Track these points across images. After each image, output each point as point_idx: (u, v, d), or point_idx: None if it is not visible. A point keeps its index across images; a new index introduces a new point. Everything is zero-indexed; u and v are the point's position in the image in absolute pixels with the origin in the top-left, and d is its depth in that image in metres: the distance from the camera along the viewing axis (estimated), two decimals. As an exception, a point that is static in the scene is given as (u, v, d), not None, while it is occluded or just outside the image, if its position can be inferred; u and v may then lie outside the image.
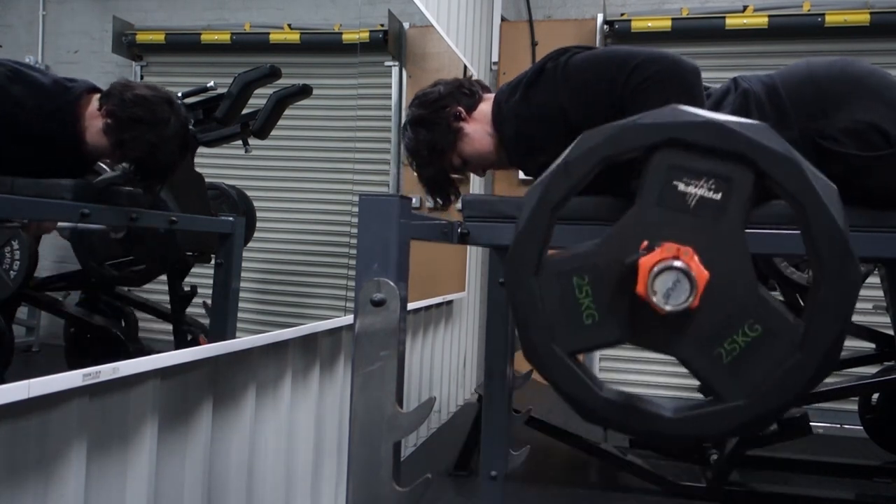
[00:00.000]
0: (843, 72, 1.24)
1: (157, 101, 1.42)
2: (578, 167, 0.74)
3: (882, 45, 3.64)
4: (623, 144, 0.73)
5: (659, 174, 0.72)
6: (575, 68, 1.30)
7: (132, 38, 2.24)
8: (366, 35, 2.49)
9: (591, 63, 1.29)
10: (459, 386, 3.77)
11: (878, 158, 1.18)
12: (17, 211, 1.30)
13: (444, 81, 1.52)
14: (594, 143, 0.74)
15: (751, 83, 1.29)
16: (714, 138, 0.71)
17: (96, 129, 1.41)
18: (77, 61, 2.05)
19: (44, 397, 1.07)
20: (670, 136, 0.72)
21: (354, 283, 1.05)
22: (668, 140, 0.72)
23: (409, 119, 1.52)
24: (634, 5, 4.05)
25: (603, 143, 0.73)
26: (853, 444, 3.16)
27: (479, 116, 1.48)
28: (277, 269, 2.69)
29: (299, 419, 1.95)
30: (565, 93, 1.30)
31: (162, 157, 1.44)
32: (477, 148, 1.48)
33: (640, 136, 0.72)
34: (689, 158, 0.72)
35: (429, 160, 1.48)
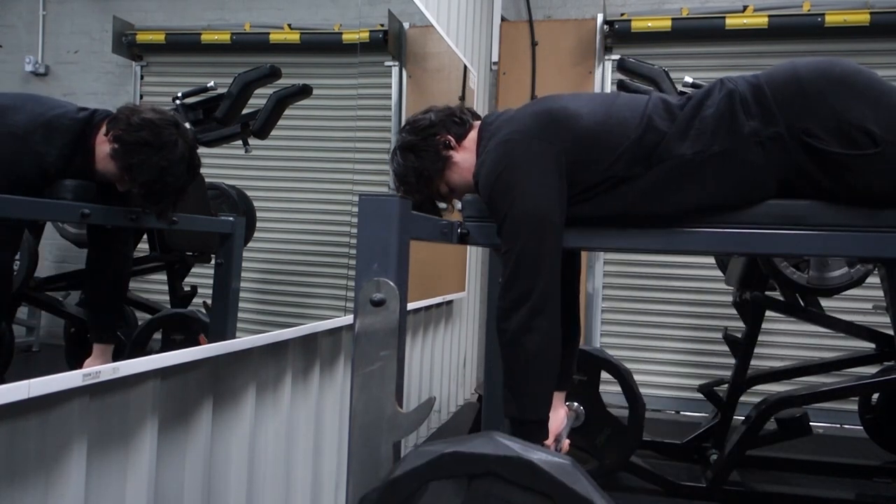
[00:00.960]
0: (828, 72, 1.24)
1: (164, 125, 1.42)
2: (404, 486, 0.86)
3: (882, 45, 3.64)
4: (445, 471, 0.85)
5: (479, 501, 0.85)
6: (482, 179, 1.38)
7: (132, 38, 2.24)
8: (366, 35, 2.49)
9: (483, 191, 1.38)
10: (459, 386, 3.77)
11: (864, 158, 1.18)
12: (17, 211, 1.30)
13: (436, 109, 1.55)
14: (417, 466, 0.86)
15: (736, 83, 1.29)
16: (524, 476, 0.82)
17: (104, 154, 1.40)
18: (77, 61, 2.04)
19: (44, 397, 1.07)
20: (489, 469, 0.83)
21: (354, 283, 1.05)
22: (485, 472, 0.84)
23: (398, 145, 1.54)
24: (634, 5, 4.05)
25: (426, 467, 0.86)
26: (853, 444, 3.15)
27: (468, 145, 1.51)
28: (277, 269, 2.69)
29: (299, 419, 1.95)
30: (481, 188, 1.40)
31: (170, 181, 1.43)
32: (465, 176, 1.50)
33: (462, 465, 0.85)
34: (507, 489, 0.83)
35: (416, 187, 1.50)
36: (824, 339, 3.56)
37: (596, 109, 1.35)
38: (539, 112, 1.37)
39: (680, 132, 1.28)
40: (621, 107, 1.34)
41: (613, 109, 1.34)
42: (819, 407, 3.21)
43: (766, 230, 1.28)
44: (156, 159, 1.39)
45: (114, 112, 1.44)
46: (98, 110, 1.45)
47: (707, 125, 1.26)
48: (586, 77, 4.00)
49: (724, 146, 1.25)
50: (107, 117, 1.43)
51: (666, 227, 1.34)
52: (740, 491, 2.47)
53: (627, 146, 1.29)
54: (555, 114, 1.35)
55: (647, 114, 1.31)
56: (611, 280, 4.03)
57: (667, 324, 3.95)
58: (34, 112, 1.38)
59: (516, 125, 1.36)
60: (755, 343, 2.64)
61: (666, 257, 3.82)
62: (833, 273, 2.50)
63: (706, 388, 2.73)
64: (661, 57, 3.65)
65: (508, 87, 4.09)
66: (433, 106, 1.57)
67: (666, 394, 3.92)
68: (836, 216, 1.25)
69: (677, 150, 1.27)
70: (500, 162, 1.32)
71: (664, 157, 1.28)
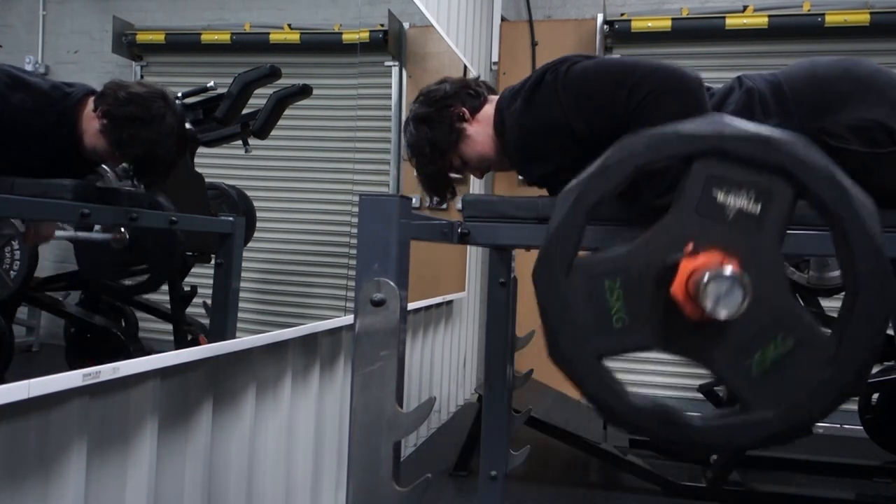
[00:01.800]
0: (848, 71, 1.24)
1: (152, 98, 1.41)
2: (616, 171, 0.73)
3: (882, 45, 3.64)
4: (663, 152, 0.72)
5: (698, 183, 0.72)
6: (575, 79, 1.28)
7: (132, 38, 2.24)
8: (366, 35, 2.49)
9: (590, 75, 1.28)
10: (459, 386, 3.77)
11: (884, 156, 1.18)
12: (17, 211, 1.30)
13: (451, 80, 1.52)
14: (633, 148, 0.73)
15: (755, 82, 1.29)
16: (756, 151, 0.71)
17: (94, 130, 1.40)
18: (77, 61, 2.05)
19: (44, 397, 1.07)
20: (712, 145, 0.71)
21: (354, 283, 1.05)
22: (710, 150, 0.71)
23: (412, 115, 1.51)
24: (634, 5, 4.05)
25: (643, 149, 0.73)
26: (853, 444, 3.16)
27: (482, 118, 1.48)
28: (277, 269, 2.69)
29: (299, 419, 1.95)
30: (567, 104, 1.28)
31: (161, 153, 1.43)
32: (478, 150, 1.48)
33: (682, 145, 0.72)
34: (730, 169, 0.71)
35: (429, 158, 1.48)
36: (824, 339, 3.56)
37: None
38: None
39: None
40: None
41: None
42: (819, 407, 3.20)
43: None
44: (145, 133, 1.39)
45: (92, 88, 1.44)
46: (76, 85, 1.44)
47: None
48: (586, 77, 3.99)
49: None
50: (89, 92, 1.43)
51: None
52: (740, 491, 2.47)
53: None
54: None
55: None
56: (611, 280, 4.03)
57: (667, 324, 3.94)
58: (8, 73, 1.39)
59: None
60: (755, 343, 2.64)
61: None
62: (833, 273, 2.50)
63: (706, 388, 2.73)
64: (661, 57, 3.62)
65: (508, 87, 4.09)
66: (448, 77, 1.54)
67: (666, 394, 3.92)
68: (837, 216, 1.24)
69: None
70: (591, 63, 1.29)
71: None
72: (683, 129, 0.73)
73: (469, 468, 2.69)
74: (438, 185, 1.55)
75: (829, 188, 0.72)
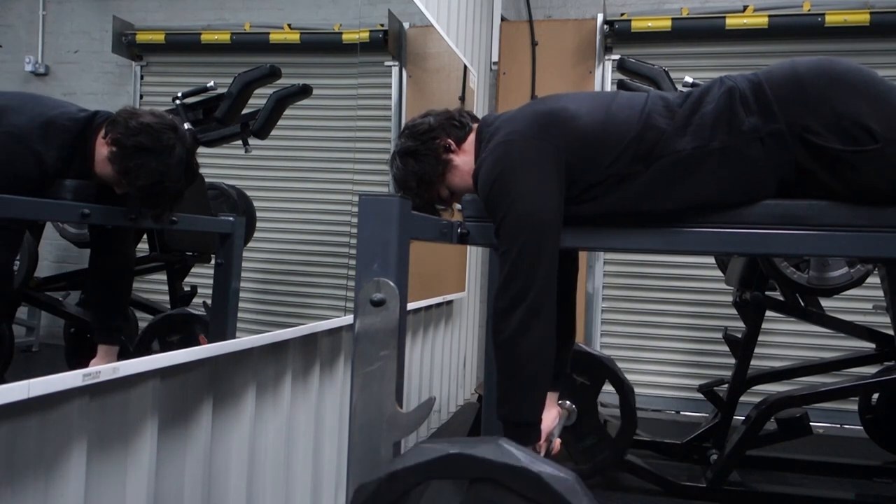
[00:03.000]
0: (827, 69, 1.25)
1: (162, 129, 1.41)
2: (403, 479, 0.85)
3: (882, 45, 3.64)
4: (448, 471, 0.84)
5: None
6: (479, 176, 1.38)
7: (132, 38, 2.24)
8: (366, 35, 2.49)
9: (481, 191, 1.37)
10: (459, 386, 3.77)
11: (863, 154, 1.19)
12: (17, 211, 1.30)
13: (435, 112, 1.55)
14: (420, 461, 0.85)
15: (735, 81, 1.30)
16: (528, 487, 0.81)
17: (102, 156, 1.40)
18: (77, 61, 2.05)
19: (44, 397, 1.07)
20: (491, 474, 0.82)
21: (354, 283, 1.05)
22: (488, 477, 0.82)
23: (398, 150, 1.54)
24: (634, 5, 4.05)
25: (429, 464, 0.85)
26: (853, 444, 3.16)
27: (468, 148, 1.51)
28: (277, 269, 2.69)
29: (299, 419, 1.95)
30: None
31: (168, 185, 1.43)
32: (466, 180, 1.50)
33: (466, 468, 0.83)
34: (508, 497, 0.83)
35: (417, 191, 1.50)
36: (824, 339, 3.56)
37: (595, 109, 1.35)
38: (538, 112, 1.37)
39: (679, 128, 1.28)
40: (620, 106, 1.34)
41: (613, 108, 1.34)
42: (819, 407, 3.21)
43: (766, 230, 1.28)
44: (153, 164, 1.39)
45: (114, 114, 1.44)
46: (99, 112, 1.45)
47: (706, 121, 1.27)
48: (586, 77, 4.00)
49: (723, 142, 1.25)
50: (107, 119, 1.44)
51: (666, 226, 1.34)
52: (740, 491, 2.47)
53: (627, 144, 1.30)
54: (554, 114, 1.35)
55: (646, 111, 1.31)
56: (611, 280, 4.03)
57: (667, 324, 3.94)
58: (33, 112, 1.38)
59: (516, 125, 1.36)
60: (755, 343, 2.64)
61: (666, 257, 3.82)
62: (833, 273, 2.50)
63: (706, 388, 2.73)
64: (661, 57, 3.65)
65: (508, 87, 4.09)
66: (431, 109, 1.57)
67: (666, 394, 3.92)
68: (836, 216, 1.25)
69: (676, 146, 1.27)
70: (498, 162, 1.32)
71: (663, 154, 1.28)
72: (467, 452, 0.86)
73: (469, 468, 2.69)
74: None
75: None
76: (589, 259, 3.97)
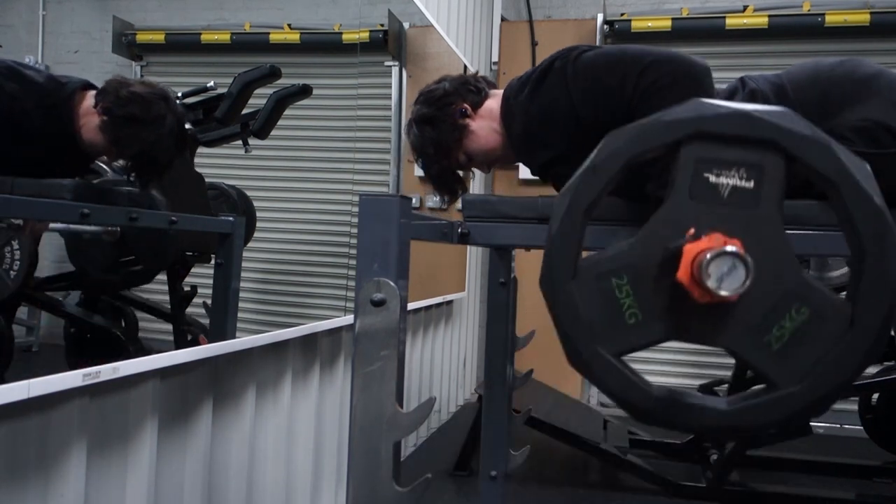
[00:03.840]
0: (851, 72, 1.24)
1: (153, 99, 1.41)
2: (605, 169, 0.73)
3: (882, 45, 3.64)
4: (648, 142, 0.72)
5: (688, 168, 0.72)
6: (584, 66, 1.29)
7: (132, 38, 2.24)
8: (366, 35, 2.49)
9: (600, 62, 1.28)
10: (459, 386, 3.77)
11: (888, 156, 1.18)
12: (17, 211, 1.30)
13: (450, 78, 1.52)
14: (619, 143, 0.73)
15: (758, 83, 1.29)
16: (740, 127, 0.71)
17: (92, 126, 1.40)
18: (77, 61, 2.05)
19: (44, 397, 1.07)
20: (696, 129, 0.71)
21: (354, 283, 1.05)
22: (694, 133, 0.71)
23: (414, 116, 1.51)
24: (634, 5, 4.05)
25: (628, 143, 0.72)
26: (853, 444, 3.16)
27: (484, 113, 1.48)
28: (277, 269, 2.69)
29: (299, 419, 1.95)
30: (575, 90, 1.29)
31: (159, 154, 1.44)
32: (483, 144, 1.47)
33: (666, 133, 0.72)
34: (718, 150, 0.71)
35: (435, 158, 1.48)
36: (824, 339, 3.56)
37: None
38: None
39: None
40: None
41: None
42: (819, 407, 3.20)
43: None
44: (144, 134, 1.39)
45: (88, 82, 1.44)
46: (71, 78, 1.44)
47: None
48: (586, 77, 3.99)
49: None
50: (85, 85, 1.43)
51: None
52: (740, 491, 2.47)
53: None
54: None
55: None
56: (611, 280, 4.03)
57: (667, 324, 3.94)
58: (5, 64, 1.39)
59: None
60: (755, 343, 2.64)
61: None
62: (833, 273, 2.50)
63: (706, 388, 2.73)
64: (661, 57, 3.64)
65: (508, 87, 4.09)
66: (447, 74, 1.54)
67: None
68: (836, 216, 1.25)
69: None
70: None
71: None
72: (665, 118, 0.72)
73: (469, 468, 2.69)
74: (447, 184, 1.55)
75: (819, 156, 0.71)
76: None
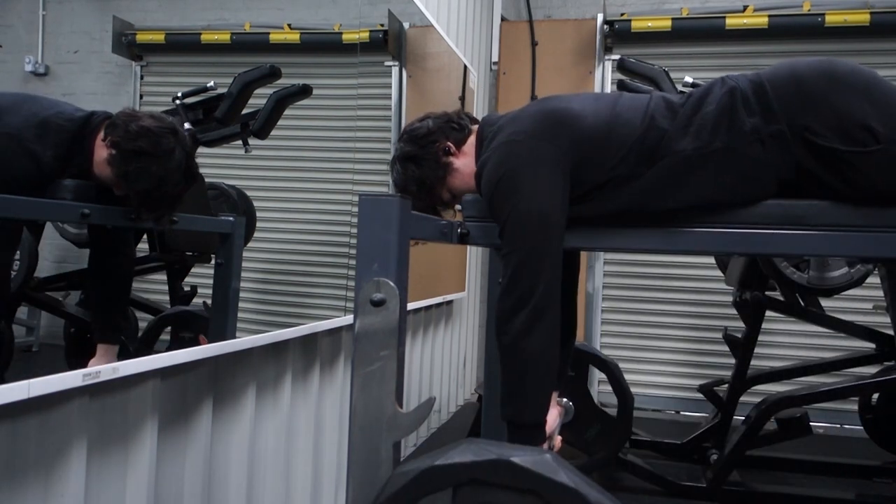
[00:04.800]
0: (828, 70, 1.26)
1: (162, 133, 1.41)
2: None
3: (882, 45, 3.64)
4: (432, 485, 0.83)
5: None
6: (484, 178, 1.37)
7: (132, 38, 2.24)
8: (366, 35, 2.49)
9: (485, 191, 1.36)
10: (459, 386, 3.77)
11: (865, 154, 1.19)
12: (17, 211, 1.30)
13: (433, 115, 1.55)
14: (402, 484, 0.84)
15: (737, 81, 1.30)
16: (505, 476, 0.80)
17: (101, 159, 1.40)
18: (77, 61, 2.05)
19: (44, 397, 1.07)
20: (471, 476, 0.81)
21: (354, 283, 1.05)
22: (469, 480, 0.82)
23: (398, 154, 1.53)
24: (634, 5, 4.05)
25: (411, 486, 0.84)
26: (853, 444, 3.16)
27: (468, 150, 1.51)
28: (277, 269, 2.69)
29: (299, 419, 1.95)
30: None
31: (167, 188, 1.43)
32: (466, 182, 1.50)
33: (445, 478, 0.83)
34: (491, 492, 0.81)
35: (417, 196, 1.50)
36: (824, 339, 3.56)
37: (600, 110, 1.34)
38: (543, 112, 1.36)
39: (680, 129, 1.28)
40: (624, 107, 1.34)
41: (617, 110, 1.34)
42: (819, 407, 3.21)
43: (766, 230, 1.28)
44: (153, 168, 1.39)
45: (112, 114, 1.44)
46: (96, 112, 1.44)
47: (707, 122, 1.27)
48: (586, 77, 3.99)
49: (724, 142, 1.25)
50: (106, 118, 1.43)
51: (666, 226, 1.34)
52: (740, 491, 2.47)
53: (631, 146, 1.30)
54: (559, 114, 1.34)
55: (649, 113, 1.31)
56: (611, 280, 4.03)
57: (667, 324, 3.94)
58: (30, 112, 1.38)
59: (519, 125, 1.36)
60: (755, 343, 2.64)
61: (666, 257, 3.82)
62: (833, 273, 2.50)
63: (706, 388, 2.73)
64: (661, 57, 3.65)
65: (508, 87, 4.09)
66: (430, 112, 1.56)
67: (666, 394, 3.92)
68: (836, 216, 1.25)
69: (678, 146, 1.28)
70: (502, 163, 1.32)
71: (665, 154, 1.28)
72: (444, 462, 0.85)
73: (469, 468, 2.69)
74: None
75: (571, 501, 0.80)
76: (589, 259, 3.97)
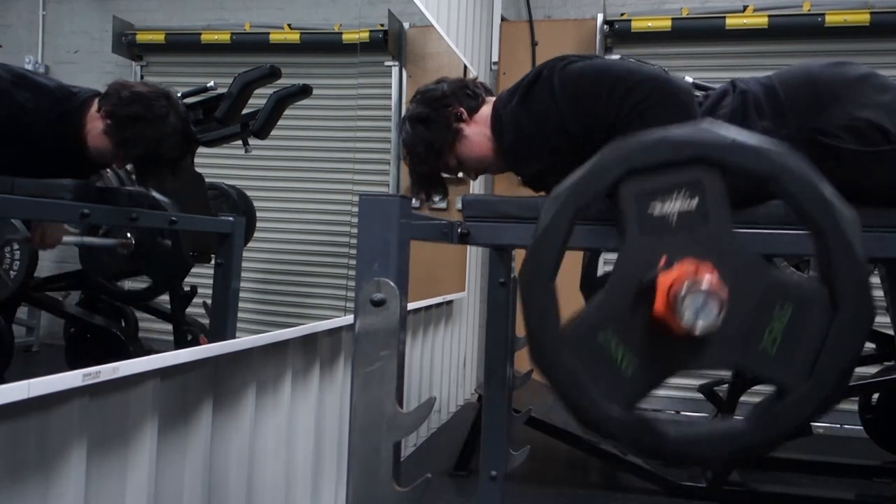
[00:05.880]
0: (840, 73, 1.25)
1: (155, 97, 1.41)
2: (557, 227, 0.75)
3: (882, 45, 3.64)
4: (590, 189, 0.74)
5: (631, 206, 0.73)
6: (571, 78, 1.29)
7: (132, 38, 2.24)
8: (366, 35, 2.49)
9: (587, 75, 1.29)
10: (459, 386, 3.77)
11: (878, 155, 1.19)
12: (17, 211, 1.30)
13: (448, 80, 1.51)
14: (564, 193, 0.75)
15: (748, 84, 1.30)
16: (665, 154, 0.72)
17: (97, 131, 1.40)
18: (77, 61, 2.05)
19: (44, 397, 1.07)
20: (627, 167, 0.73)
21: (354, 283, 1.05)
22: (626, 172, 0.73)
23: (409, 114, 1.50)
24: (634, 5, 4.05)
25: (570, 196, 0.74)
26: (853, 444, 3.16)
27: (479, 119, 1.47)
28: (277, 269, 2.69)
29: (299, 419, 1.95)
30: (563, 102, 1.29)
31: (165, 152, 1.43)
32: (475, 151, 1.47)
33: (602, 177, 0.74)
34: (652, 180, 0.73)
35: (425, 158, 1.48)
36: (824, 339, 3.56)
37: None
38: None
39: None
40: None
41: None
42: (819, 407, 3.20)
43: (766, 230, 1.28)
44: (149, 132, 1.39)
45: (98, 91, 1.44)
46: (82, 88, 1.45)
47: None
48: (586, 77, 3.99)
49: None
50: (94, 94, 1.43)
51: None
52: (740, 491, 2.47)
53: None
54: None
55: None
56: (611, 280, 4.03)
57: (667, 324, 3.94)
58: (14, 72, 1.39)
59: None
60: (755, 343, 2.64)
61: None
62: (833, 273, 2.50)
63: (706, 388, 2.73)
64: (661, 57, 3.65)
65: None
66: (445, 76, 1.54)
67: (666, 394, 3.92)
68: (837, 216, 1.25)
69: None
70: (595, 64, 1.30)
71: None
72: (601, 160, 0.74)
73: (469, 468, 2.69)
74: (430, 185, 1.55)
75: (748, 157, 0.72)
76: (589, 259, 3.97)
